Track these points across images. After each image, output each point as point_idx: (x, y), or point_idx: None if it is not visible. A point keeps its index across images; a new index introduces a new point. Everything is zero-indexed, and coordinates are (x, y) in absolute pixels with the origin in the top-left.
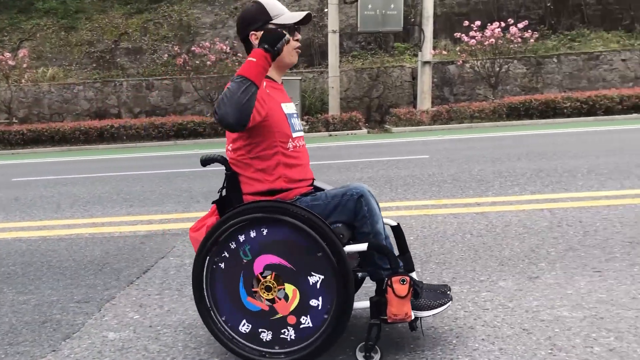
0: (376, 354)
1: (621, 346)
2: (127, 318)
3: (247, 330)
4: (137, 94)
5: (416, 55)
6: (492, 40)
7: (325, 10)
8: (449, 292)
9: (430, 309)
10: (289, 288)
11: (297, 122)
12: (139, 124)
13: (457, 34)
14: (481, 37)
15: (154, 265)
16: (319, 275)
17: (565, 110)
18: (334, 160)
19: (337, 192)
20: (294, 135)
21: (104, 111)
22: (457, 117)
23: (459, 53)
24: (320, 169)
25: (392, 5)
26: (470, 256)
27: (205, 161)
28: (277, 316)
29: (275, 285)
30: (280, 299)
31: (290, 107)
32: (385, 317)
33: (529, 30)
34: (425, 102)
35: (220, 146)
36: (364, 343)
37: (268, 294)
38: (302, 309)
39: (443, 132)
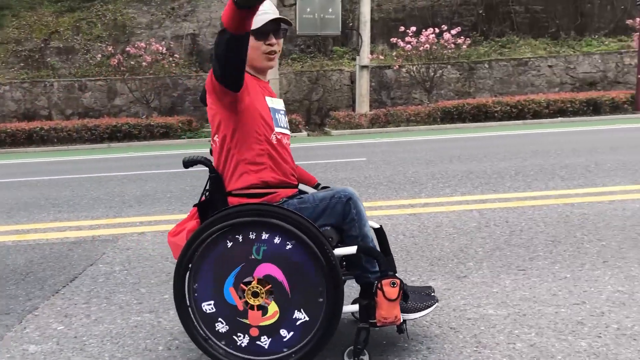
0: (364, 357)
1: (541, 341)
2: (51, 329)
3: (208, 311)
4: (69, 95)
5: (354, 60)
6: (427, 45)
7: None
8: (433, 294)
9: (418, 311)
10: (273, 308)
11: (282, 119)
12: (71, 126)
13: (394, 39)
14: (416, 42)
15: (82, 273)
16: (305, 316)
17: (496, 114)
18: None
19: (325, 194)
20: (277, 130)
21: (33, 113)
22: (394, 121)
23: (395, 58)
24: None
25: (330, 10)
26: (402, 257)
27: (188, 163)
28: (244, 320)
29: (264, 297)
30: (257, 309)
31: (276, 102)
32: (374, 321)
33: (462, 37)
34: (363, 105)
35: (155, 149)
36: (351, 347)
37: (252, 299)
38: (270, 331)
39: (381, 135)
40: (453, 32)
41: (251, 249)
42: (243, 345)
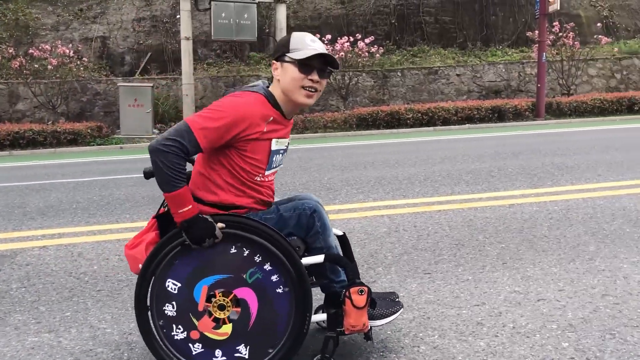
0: None
1: (443, 343)
2: None
3: (169, 288)
4: None
5: (271, 66)
6: (342, 53)
7: (178, 16)
8: (397, 299)
9: (384, 318)
10: (226, 328)
11: (279, 159)
12: None
13: None
14: (332, 50)
15: None
16: (246, 354)
17: (408, 121)
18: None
19: (288, 206)
20: (266, 172)
21: None
22: (311, 127)
23: None
24: None
25: (246, 15)
26: None
27: (150, 174)
28: (193, 320)
29: (226, 314)
30: (213, 320)
31: (281, 143)
32: (342, 329)
33: (376, 45)
34: None
35: (62, 156)
36: (319, 356)
37: (216, 310)
38: (209, 344)
39: (298, 142)
40: (367, 40)
41: (247, 270)
42: (176, 338)
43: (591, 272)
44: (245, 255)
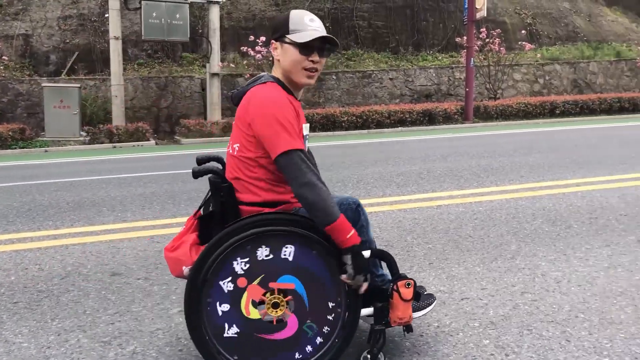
0: (381, 357)
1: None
2: None
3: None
4: None
5: (205, 67)
6: None
7: (107, 15)
8: (428, 293)
9: (422, 309)
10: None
11: (306, 145)
12: None
13: (244, 48)
14: (267, 52)
15: None
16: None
17: (343, 124)
18: (115, 175)
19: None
20: None
21: None
22: None
23: (246, 67)
24: (98, 185)
25: (178, 15)
26: None
27: (199, 173)
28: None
29: (282, 309)
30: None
31: (306, 129)
32: (388, 321)
33: None
34: (215, 113)
35: None
36: (367, 351)
37: (271, 310)
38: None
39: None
40: None
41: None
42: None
43: (512, 271)
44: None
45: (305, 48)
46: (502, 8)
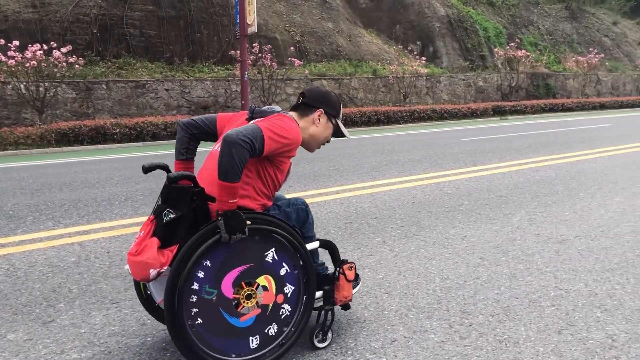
0: (329, 335)
1: None
2: None
3: (257, 342)
4: None
5: None
6: (34, 62)
7: None
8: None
9: (354, 288)
10: (261, 280)
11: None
12: None
13: None
14: (22, 58)
15: None
16: (272, 252)
17: (115, 136)
18: None
19: (284, 202)
20: (282, 184)
21: None
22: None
23: None
24: None
25: None
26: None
27: (175, 178)
28: (270, 306)
29: (252, 288)
30: (261, 295)
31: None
32: (334, 301)
33: (75, 55)
34: None
35: None
36: (318, 330)
37: (252, 301)
38: (281, 286)
39: None
40: (64, 49)
41: (205, 298)
42: (288, 312)
43: None
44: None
45: (335, 135)
46: (273, 25)
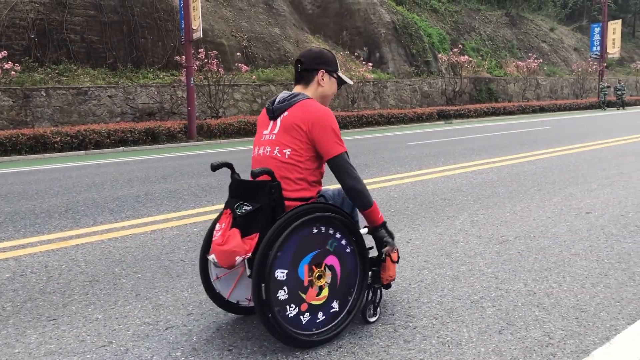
0: (378, 310)
1: None
2: None
3: (279, 277)
4: None
5: None
6: None
7: None
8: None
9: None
10: (325, 292)
11: None
12: None
13: None
14: None
15: None
16: (337, 307)
17: (56, 145)
18: None
19: (335, 192)
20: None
21: None
22: None
23: None
24: None
25: None
26: None
27: (259, 173)
28: (302, 294)
29: (321, 269)
30: (312, 289)
31: None
32: (381, 280)
33: (11, 62)
34: None
35: None
36: (370, 306)
37: (316, 280)
38: (313, 310)
39: None
40: (0, 55)
41: (327, 241)
42: (289, 315)
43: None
44: (324, 231)
45: (339, 84)
46: (220, 30)
